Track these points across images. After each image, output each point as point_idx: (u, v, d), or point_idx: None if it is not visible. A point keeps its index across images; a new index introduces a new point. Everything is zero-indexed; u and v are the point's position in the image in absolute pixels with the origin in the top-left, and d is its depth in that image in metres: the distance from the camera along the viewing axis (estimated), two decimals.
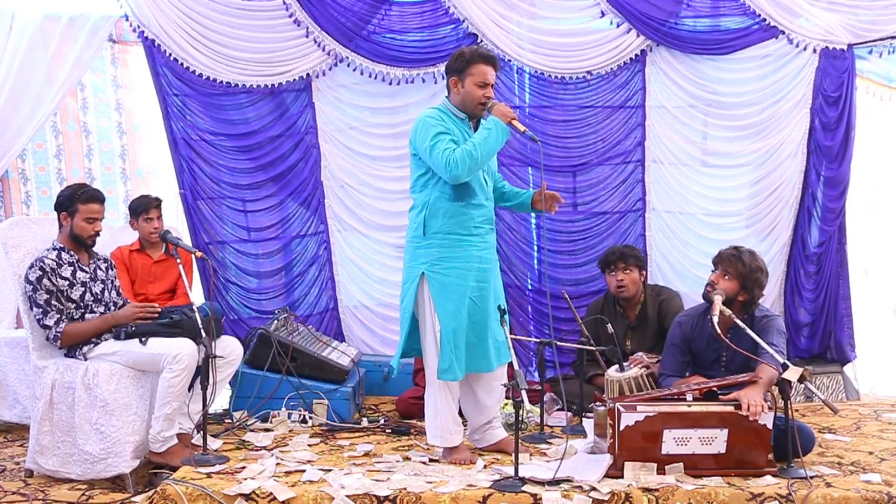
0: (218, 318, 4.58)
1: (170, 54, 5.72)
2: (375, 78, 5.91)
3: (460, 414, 4.30)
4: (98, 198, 4.34)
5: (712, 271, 4.41)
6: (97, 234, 4.35)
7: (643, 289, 5.38)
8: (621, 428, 3.84)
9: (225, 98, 5.88)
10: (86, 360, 4.23)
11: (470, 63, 4.09)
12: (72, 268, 4.27)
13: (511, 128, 4.11)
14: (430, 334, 4.13)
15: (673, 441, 3.85)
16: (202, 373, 4.10)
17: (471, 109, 4.15)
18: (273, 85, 5.87)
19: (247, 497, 3.60)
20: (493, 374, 4.26)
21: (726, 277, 4.31)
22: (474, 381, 4.26)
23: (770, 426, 3.87)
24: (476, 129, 4.17)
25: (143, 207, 5.27)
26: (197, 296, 5.42)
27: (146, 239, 5.31)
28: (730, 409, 3.88)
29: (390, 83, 5.92)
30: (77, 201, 4.27)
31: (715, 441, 3.86)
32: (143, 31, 5.68)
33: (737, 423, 3.85)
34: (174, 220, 5.84)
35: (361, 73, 5.91)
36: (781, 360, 3.93)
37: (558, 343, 5.08)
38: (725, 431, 3.86)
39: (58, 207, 4.32)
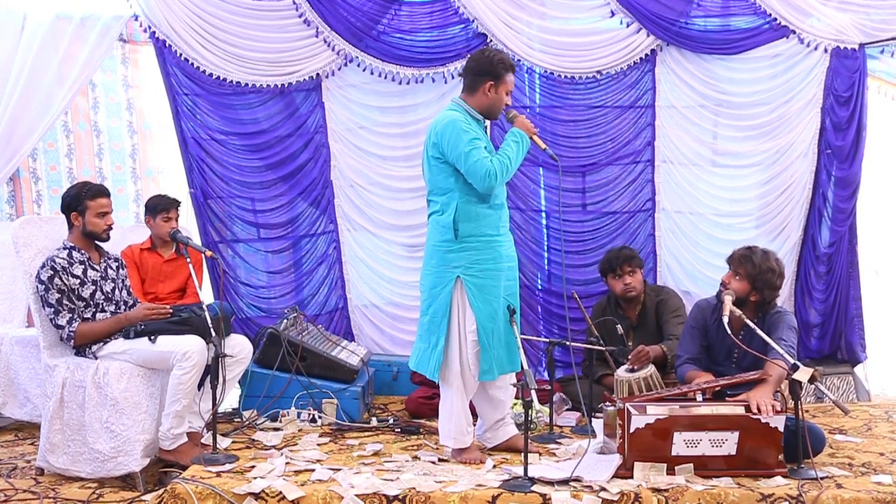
0: (227, 316, 4.59)
1: (180, 54, 5.73)
2: (385, 78, 5.91)
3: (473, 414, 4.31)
4: (104, 192, 4.36)
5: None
6: (110, 227, 4.36)
7: (644, 288, 5.38)
8: (631, 430, 3.83)
9: (235, 98, 5.89)
10: (96, 358, 4.24)
11: (506, 71, 4.14)
12: (83, 266, 4.28)
13: (532, 143, 4.22)
14: (455, 337, 4.13)
15: (683, 443, 3.84)
16: (212, 372, 4.10)
17: (494, 114, 4.19)
18: (283, 85, 5.87)
19: (256, 496, 3.60)
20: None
21: (737, 277, 4.29)
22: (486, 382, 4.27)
23: (781, 428, 3.86)
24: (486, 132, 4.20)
25: (164, 206, 5.28)
26: (206, 295, 5.44)
27: (161, 238, 5.32)
28: (740, 411, 3.87)
29: (400, 83, 5.92)
30: (85, 198, 4.28)
31: (725, 443, 3.85)
32: (153, 32, 5.70)
33: (747, 425, 3.85)
34: (184, 219, 5.85)
35: (371, 73, 5.91)
36: (792, 361, 3.91)
37: (568, 343, 5.08)
38: (736, 434, 3.85)
39: (66, 209, 4.32)
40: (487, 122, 4.32)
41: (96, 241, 4.40)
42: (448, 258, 4.12)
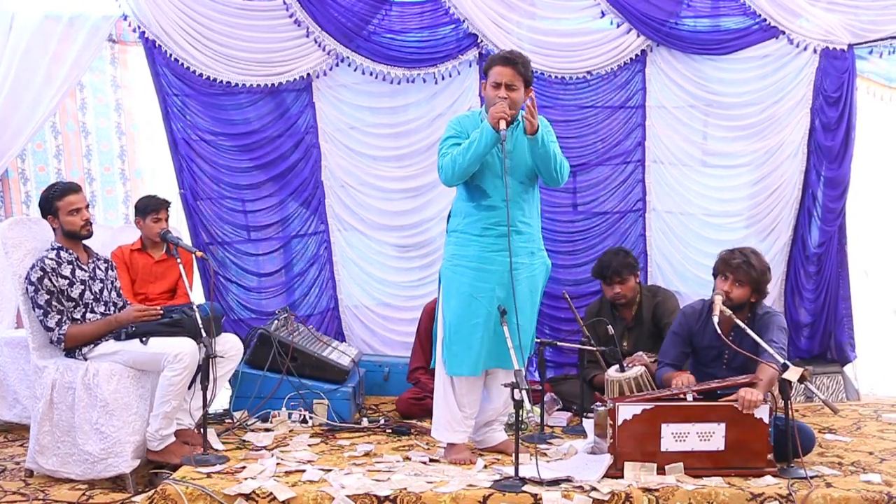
0: (218, 317, 4.57)
1: (170, 54, 5.71)
2: (376, 78, 5.91)
3: None
4: (72, 188, 4.32)
5: (717, 277, 4.34)
6: (88, 222, 4.32)
7: (639, 290, 5.37)
8: (620, 422, 3.85)
9: (225, 98, 5.88)
10: (86, 360, 4.23)
11: (489, 66, 4.17)
12: (71, 266, 4.27)
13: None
14: (440, 328, 4.22)
15: (671, 437, 3.86)
16: (202, 372, 4.09)
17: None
18: (273, 85, 5.86)
19: (247, 497, 3.59)
20: (497, 377, 4.26)
21: (738, 285, 4.25)
22: (487, 379, 4.30)
23: (766, 420, 3.87)
24: None
25: (154, 207, 5.27)
26: (197, 296, 5.42)
27: (151, 238, 5.30)
28: (726, 404, 3.91)
29: (391, 83, 5.91)
30: (54, 200, 4.26)
31: (713, 437, 3.87)
32: (143, 32, 5.68)
33: (734, 417, 3.88)
34: (174, 220, 5.83)
35: (362, 73, 5.91)
36: (782, 360, 3.93)
37: (558, 343, 5.09)
38: (723, 426, 3.87)
39: (43, 215, 4.32)
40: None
41: (83, 241, 4.38)
42: (443, 252, 4.30)
